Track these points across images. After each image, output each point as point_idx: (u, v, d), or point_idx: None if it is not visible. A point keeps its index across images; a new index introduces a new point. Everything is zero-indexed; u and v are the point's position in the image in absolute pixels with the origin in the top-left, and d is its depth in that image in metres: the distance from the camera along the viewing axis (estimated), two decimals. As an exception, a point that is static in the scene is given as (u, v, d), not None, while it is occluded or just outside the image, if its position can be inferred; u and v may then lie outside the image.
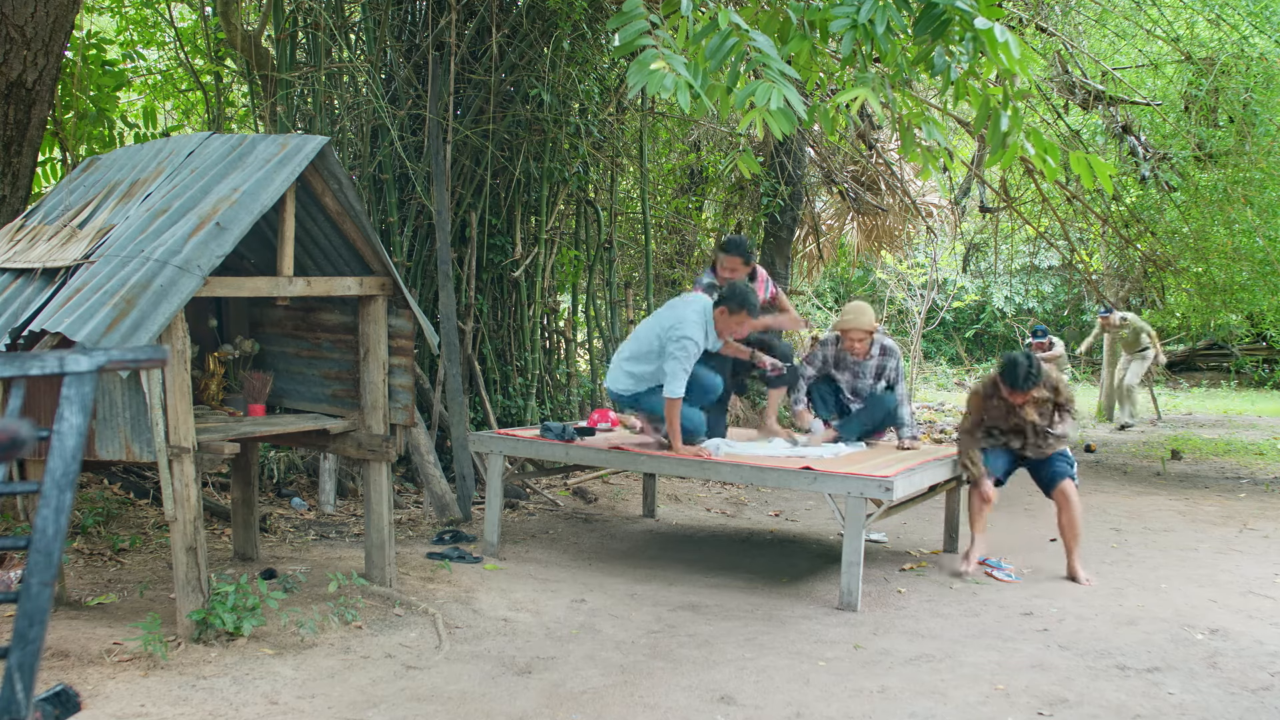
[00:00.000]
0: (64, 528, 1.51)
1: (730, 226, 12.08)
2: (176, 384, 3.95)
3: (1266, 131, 9.17)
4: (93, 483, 6.34)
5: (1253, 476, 9.56)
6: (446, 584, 5.06)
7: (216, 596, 4.08)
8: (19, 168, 5.89)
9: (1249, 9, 8.99)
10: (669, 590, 5.20)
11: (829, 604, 5.01)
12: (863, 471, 5.01)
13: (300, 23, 7.49)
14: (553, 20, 7.44)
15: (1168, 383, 18.92)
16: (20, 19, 5.57)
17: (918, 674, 4.08)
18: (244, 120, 8.99)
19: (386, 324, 4.81)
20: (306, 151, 4.26)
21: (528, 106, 7.55)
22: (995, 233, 14.99)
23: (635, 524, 6.82)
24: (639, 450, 5.61)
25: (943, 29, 3.21)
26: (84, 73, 7.30)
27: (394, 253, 7.12)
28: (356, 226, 4.61)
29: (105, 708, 3.45)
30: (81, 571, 5.05)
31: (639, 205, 9.50)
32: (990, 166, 7.26)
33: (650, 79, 2.98)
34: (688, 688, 3.87)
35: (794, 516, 7.27)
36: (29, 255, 4.34)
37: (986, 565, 5.69)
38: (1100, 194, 10.40)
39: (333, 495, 6.73)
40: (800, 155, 11.00)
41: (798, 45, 3.45)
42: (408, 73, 7.47)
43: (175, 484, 3.98)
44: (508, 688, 3.84)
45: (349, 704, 3.63)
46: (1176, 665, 4.21)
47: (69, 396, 1.53)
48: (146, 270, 3.84)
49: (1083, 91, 10.11)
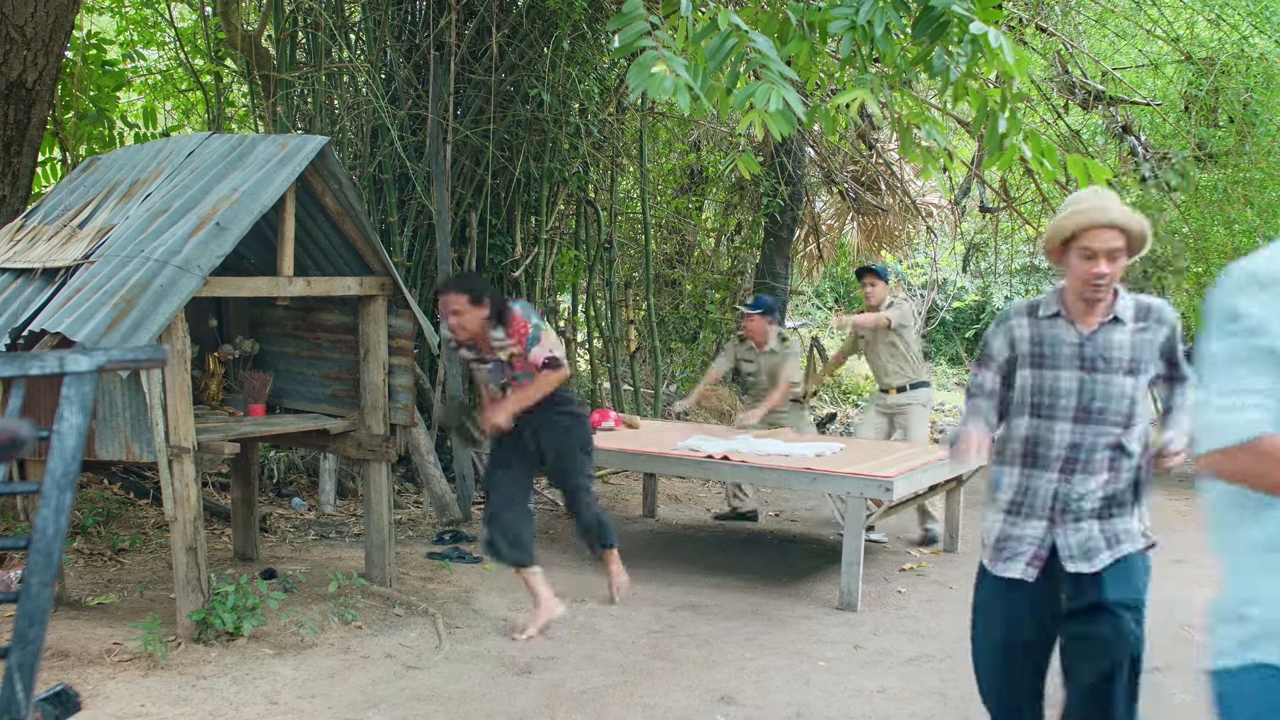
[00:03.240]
0: (64, 528, 1.52)
1: (730, 226, 12.08)
2: (176, 384, 3.95)
3: (1267, 131, 9.17)
4: (93, 483, 6.34)
5: (1252, 476, 9.54)
6: (446, 584, 5.06)
7: (216, 596, 4.08)
8: (19, 168, 5.89)
9: (1249, 9, 8.98)
10: (669, 590, 5.20)
11: (829, 604, 5.01)
12: (863, 471, 5.01)
13: (300, 23, 7.50)
14: (553, 20, 7.44)
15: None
16: (20, 19, 5.57)
17: (918, 674, 4.08)
18: (244, 120, 8.99)
19: (386, 324, 4.81)
20: (306, 151, 4.26)
21: (528, 106, 7.55)
22: (995, 233, 14.98)
23: (635, 524, 6.83)
24: (639, 450, 5.61)
25: (941, 30, 3.21)
26: (84, 73, 7.30)
27: (394, 253, 7.12)
28: (356, 226, 4.61)
29: (105, 708, 3.45)
30: (81, 571, 5.06)
31: (639, 205, 9.50)
32: (989, 167, 7.25)
33: (650, 82, 2.98)
34: (688, 688, 3.87)
35: (794, 516, 7.28)
36: (29, 255, 4.34)
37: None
38: (1100, 194, 10.38)
39: (333, 495, 6.73)
40: (800, 155, 11.00)
41: (797, 46, 3.45)
42: (408, 73, 7.47)
43: (175, 484, 3.98)
44: (508, 688, 3.84)
45: (349, 704, 3.63)
46: (1176, 665, 4.21)
47: (69, 396, 1.53)
48: (146, 270, 3.84)
49: (1083, 91, 10.11)
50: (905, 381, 6.39)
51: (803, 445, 5.72)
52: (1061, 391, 2.73)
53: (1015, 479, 2.81)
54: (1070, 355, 2.73)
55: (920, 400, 6.46)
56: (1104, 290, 2.67)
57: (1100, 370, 2.70)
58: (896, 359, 6.39)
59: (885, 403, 6.53)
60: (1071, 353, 2.73)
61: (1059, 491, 2.73)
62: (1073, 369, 2.73)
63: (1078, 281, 2.68)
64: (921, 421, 6.46)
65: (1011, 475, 2.82)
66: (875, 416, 6.64)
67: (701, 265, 11.98)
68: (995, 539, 2.84)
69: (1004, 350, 2.85)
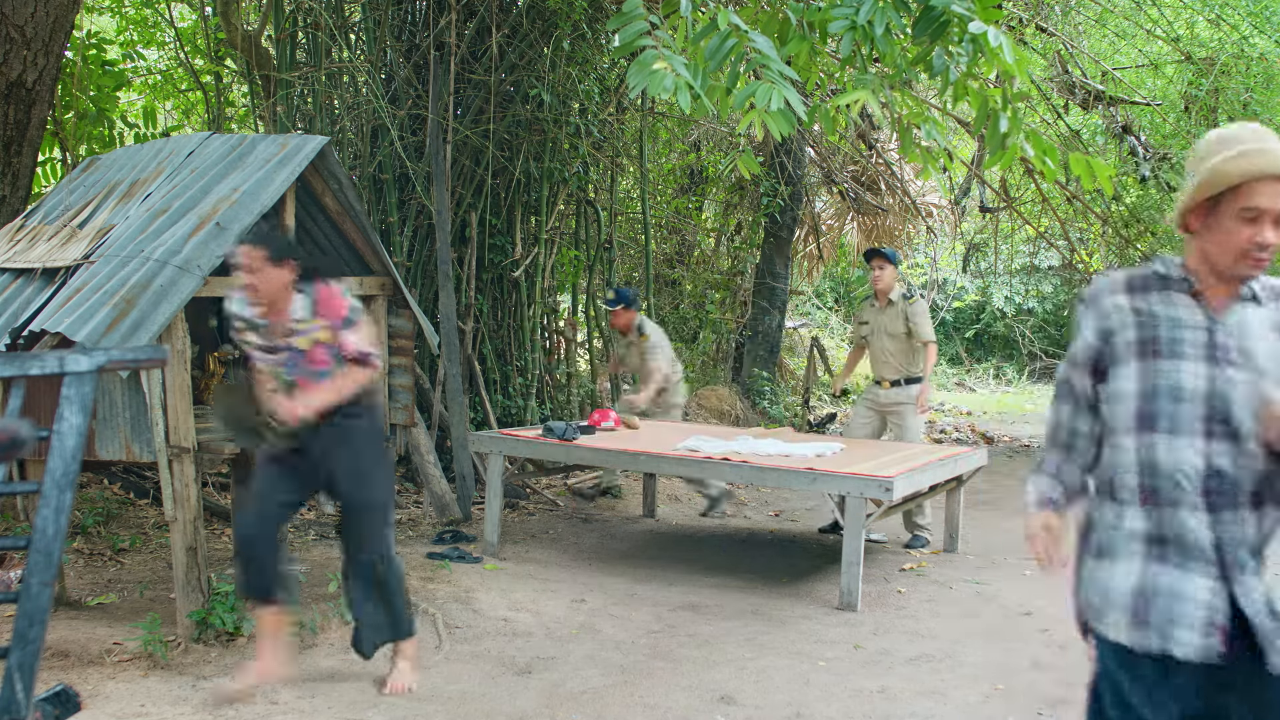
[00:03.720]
0: (64, 528, 1.52)
1: (730, 227, 12.08)
2: (176, 384, 3.95)
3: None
4: (93, 483, 6.34)
5: (1253, 476, 9.55)
6: (446, 584, 5.06)
7: (216, 596, 4.08)
8: (19, 168, 5.89)
9: (1249, 9, 8.99)
10: (669, 590, 5.20)
11: (829, 604, 5.01)
12: (863, 471, 5.01)
13: (300, 23, 7.50)
14: (553, 20, 7.44)
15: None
16: (20, 19, 5.57)
17: (918, 674, 4.08)
18: (244, 120, 9.00)
19: (386, 324, 4.81)
20: (306, 151, 4.26)
21: (528, 106, 7.55)
22: (995, 233, 14.98)
23: (635, 524, 6.82)
24: (639, 450, 5.61)
25: (941, 30, 3.21)
26: (84, 73, 7.31)
27: (394, 253, 7.12)
28: (356, 226, 4.61)
29: (105, 708, 3.45)
30: (81, 571, 5.06)
31: (639, 205, 9.50)
32: (990, 167, 7.24)
33: (651, 80, 2.98)
34: (688, 688, 3.87)
35: (794, 516, 7.28)
36: (29, 255, 4.35)
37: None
38: (1100, 194, 10.40)
39: (333, 495, 6.73)
40: (800, 155, 11.00)
41: (797, 46, 3.45)
42: (408, 73, 7.48)
43: (175, 484, 3.98)
44: (508, 688, 3.84)
45: (349, 704, 3.63)
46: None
47: (69, 396, 1.53)
48: (146, 270, 3.84)
49: (1083, 91, 10.11)
50: (901, 375, 6.37)
51: (803, 445, 5.72)
52: (1185, 393, 1.94)
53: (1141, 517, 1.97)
54: (1196, 343, 1.95)
55: (914, 398, 6.45)
56: (1265, 265, 1.93)
57: (1237, 365, 1.93)
58: (902, 353, 6.36)
59: (878, 399, 6.47)
60: (1198, 339, 1.95)
61: (1220, 538, 1.91)
62: (1200, 361, 1.94)
63: (1229, 253, 1.93)
64: (916, 422, 6.43)
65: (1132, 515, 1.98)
66: (866, 412, 6.55)
67: (701, 265, 11.98)
68: (1129, 592, 1.95)
69: (1094, 340, 2.06)
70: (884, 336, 6.39)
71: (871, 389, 6.56)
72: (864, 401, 6.64)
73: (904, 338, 6.35)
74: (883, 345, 6.40)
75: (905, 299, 6.39)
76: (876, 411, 6.51)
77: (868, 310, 6.56)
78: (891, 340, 6.36)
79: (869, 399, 6.56)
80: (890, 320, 6.36)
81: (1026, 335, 20.04)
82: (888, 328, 6.37)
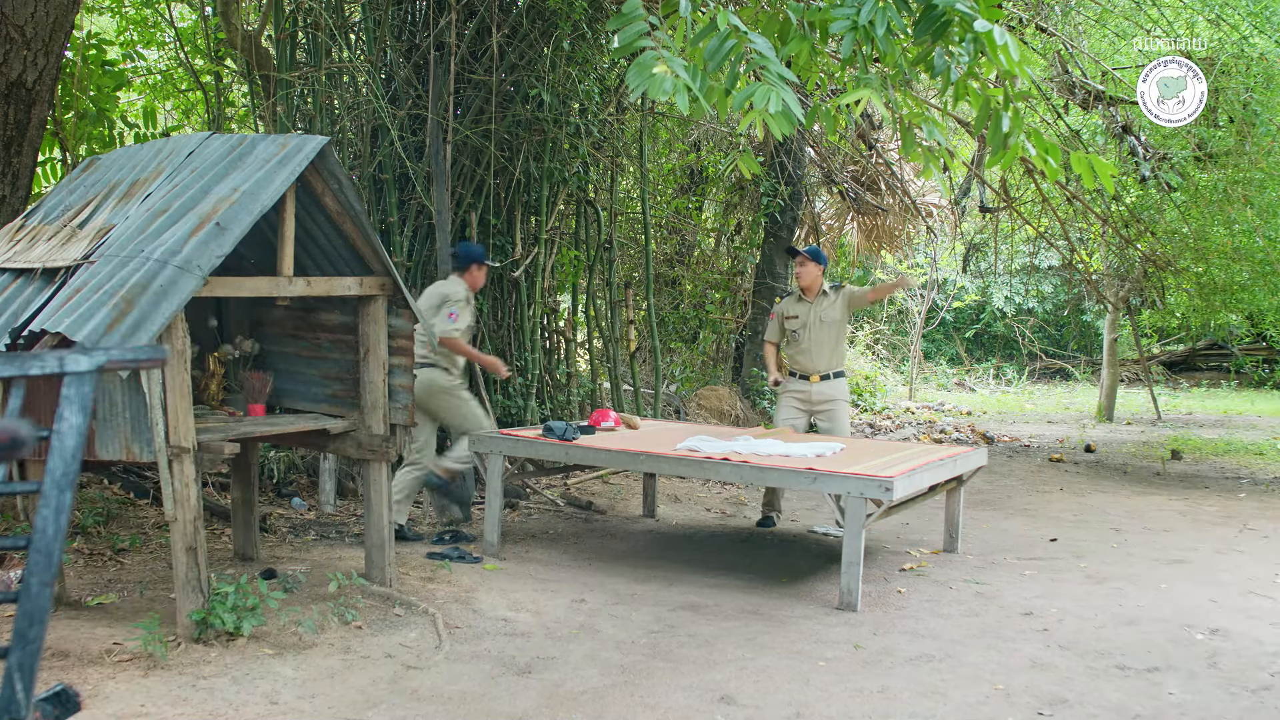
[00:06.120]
0: (64, 528, 1.51)
1: (730, 227, 12.09)
2: (176, 384, 3.95)
3: (1267, 131, 9.17)
4: (93, 483, 6.34)
5: (1253, 476, 9.55)
6: (446, 584, 5.06)
7: (216, 596, 4.08)
8: (19, 168, 5.89)
9: (1249, 9, 8.98)
10: (669, 590, 5.20)
11: (829, 604, 5.01)
12: (863, 471, 5.01)
13: (300, 23, 7.50)
14: (553, 20, 7.44)
15: (1168, 383, 18.91)
16: (20, 19, 5.57)
17: (918, 674, 4.08)
18: (244, 120, 8.99)
19: (386, 324, 4.81)
20: (306, 151, 4.26)
21: (528, 106, 7.55)
22: (995, 233, 14.98)
23: (635, 524, 6.82)
24: (639, 450, 5.61)
25: (943, 30, 3.21)
26: (84, 73, 7.31)
27: (394, 253, 7.12)
28: (356, 226, 4.61)
29: (105, 708, 3.45)
30: (81, 571, 5.06)
31: (639, 205, 9.50)
32: (991, 167, 7.24)
33: (650, 82, 2.98)
34: (688, 688, 3.87)
35: (794, 516, 7.27)
36: (29, 255, 4.34)
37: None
38: (1100, 194, 10.40)
39: (333, 495, 6.73)
40: (800, 155, 11.00)
41: (797, 46, 3.45)
42: (408, 73, 7.48)
43: (175, 484, 3.98)
44: (508, 688, 3.84)
45: (349, 704, 3.63)
46: (1176, 665, 4.21)
47: (69, 396, 1.53)
48: (146, 270, 3.84)
49: (1083, 91, 10.11)
50: (831, 370, 6.40)
51: (803, 445, 5.72)
52: None
53: None
54: None
55: (843, 394, 6.47)
56: None
57: None
58: (835, 343, 6.41)
59: (809, 396, 6.44)
60: None
61: None
62: None
63: None
64: (846, 415, 6.50)
65: None
66: (793, 411, 6.50)
67: (701, 265, 11.99)
68: None
69: None
70: (818, 327, 6.41)
71: (798, 386, 6.53)
72: (789, 399, 6.57)
73: (839, 324, 6.39)
74: (816, 337, 6.41)
75: (835, 288, 6.49)
76: (804, 409, 6.50)
77: (794, 305, 6.59)
78: (826, 329, 6.38)
79: (796, 396, 6.51)
80: (826, 308, 6.39)
81: (1026, 335, 20.04)
82: (823, 316, 6.40)
